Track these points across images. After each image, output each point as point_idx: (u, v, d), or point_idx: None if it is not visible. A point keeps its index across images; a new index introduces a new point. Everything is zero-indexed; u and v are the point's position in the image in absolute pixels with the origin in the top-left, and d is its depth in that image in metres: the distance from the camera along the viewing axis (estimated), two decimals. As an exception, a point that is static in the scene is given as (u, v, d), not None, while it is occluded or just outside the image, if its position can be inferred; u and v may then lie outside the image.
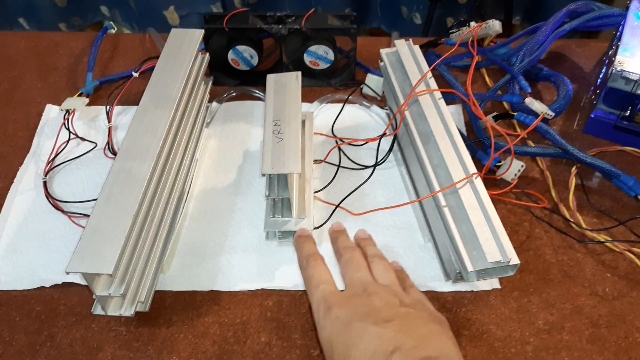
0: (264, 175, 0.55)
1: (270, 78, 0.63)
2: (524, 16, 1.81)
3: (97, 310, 0.51)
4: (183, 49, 0.63)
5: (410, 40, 0.70)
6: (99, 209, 0.49)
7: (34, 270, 0.58)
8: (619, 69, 0.64)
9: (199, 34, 0.65)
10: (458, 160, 0.57)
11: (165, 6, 1.70)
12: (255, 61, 0.74)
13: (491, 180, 0.65)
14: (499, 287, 0.57)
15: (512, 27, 1.79)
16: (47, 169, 0.66)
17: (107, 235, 0.48)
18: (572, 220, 0.62)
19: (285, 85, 0.62)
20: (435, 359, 0.41)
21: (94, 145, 0.69)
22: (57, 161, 0.67)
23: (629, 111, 0.67)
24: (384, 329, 0.42)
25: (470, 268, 0.50)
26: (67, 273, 0.46)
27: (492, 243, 0.51)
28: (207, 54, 0.69)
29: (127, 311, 0.50)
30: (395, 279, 0.49)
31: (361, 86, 0.75)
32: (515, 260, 0.50)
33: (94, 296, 0.50)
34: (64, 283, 0.57)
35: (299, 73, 0.63)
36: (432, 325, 0.44)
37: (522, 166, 0.63)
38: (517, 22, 1.82)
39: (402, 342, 0.41)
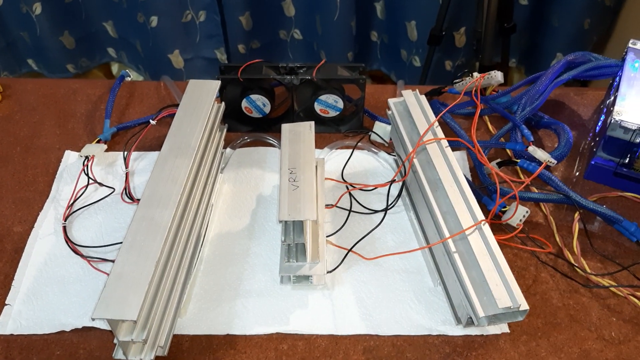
0: (281, 222, 0.57)
1: (285, 128, 0.66)
2: (519, 59, 1.87)
3: (119, 355, 0.52)
4: (201, 100, 0.66)
5: (417, 90, 0.73)
6: (123, 256, 0.51)
7: (54, 314, 0.59)
8: (617, 119, 0.67)
9: (215, 84, 0.68)
10: (466, 207, 0.60)
11: (171, 50, 1.74)
12: (267, 109, 0.77)
13: (496, 225, 0.67)
14: (508, 331, 0.58)
15: (508, 69, 1.84)
16: (66, 213, 0.68)
17: (131, 281, 0.49)
18: (576, 264, 0.64)
19: (300, 134, 0.65)
20: None
21: (112, 190, 0.71)
22: (76, 206, 0.69)
23: (628, 158, 0.70)
24: None
25: (481, 314, 0.52)
26: (93, 319, 0.47)
27: (502, 289, 0.53)
28: (223, 103, 0.72)
29: (147, 356, 0.52)
30: None
31: (369, 133, 0.78)
32: (524, 306, 0.52)
33: (114, 341, 0.51)
34: (83, 327, 0.58)
35: (312, 123, 0.66)
36: None
37: (527, 212, 0.66)
38: (513, 64, 1.88)
39: None
